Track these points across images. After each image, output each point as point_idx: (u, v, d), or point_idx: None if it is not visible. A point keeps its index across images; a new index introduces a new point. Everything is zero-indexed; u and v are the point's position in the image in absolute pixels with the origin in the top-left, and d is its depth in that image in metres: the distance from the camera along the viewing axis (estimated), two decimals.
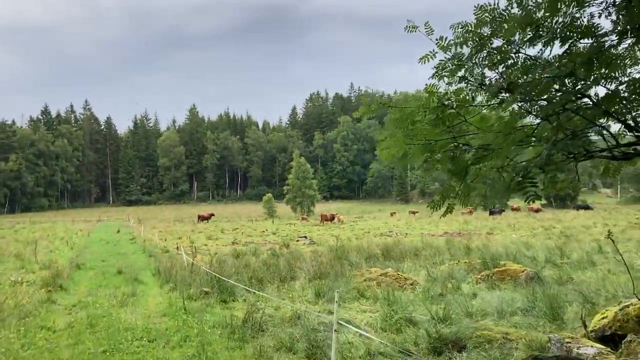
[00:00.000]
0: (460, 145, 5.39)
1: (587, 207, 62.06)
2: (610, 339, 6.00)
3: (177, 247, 25.12)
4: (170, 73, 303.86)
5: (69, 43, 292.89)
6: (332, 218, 55.20)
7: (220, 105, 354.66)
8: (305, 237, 33.76)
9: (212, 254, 23.80)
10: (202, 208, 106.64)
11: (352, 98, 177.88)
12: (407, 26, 5.10)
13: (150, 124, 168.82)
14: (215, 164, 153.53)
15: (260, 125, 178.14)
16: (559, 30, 4.67)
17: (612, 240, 6.68)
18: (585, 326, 5.96)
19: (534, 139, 5.00)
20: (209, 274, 13.06)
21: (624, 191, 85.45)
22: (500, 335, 6.24)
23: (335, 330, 5.95)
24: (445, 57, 5.17)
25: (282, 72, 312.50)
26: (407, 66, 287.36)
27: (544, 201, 79.76)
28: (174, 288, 12.44)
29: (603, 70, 4.55)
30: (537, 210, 61.26)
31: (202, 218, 62.74)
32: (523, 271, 11.20)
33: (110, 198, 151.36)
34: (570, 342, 5.66)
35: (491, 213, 58.49)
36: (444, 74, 5.24)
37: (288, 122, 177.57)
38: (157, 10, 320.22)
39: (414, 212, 66.54)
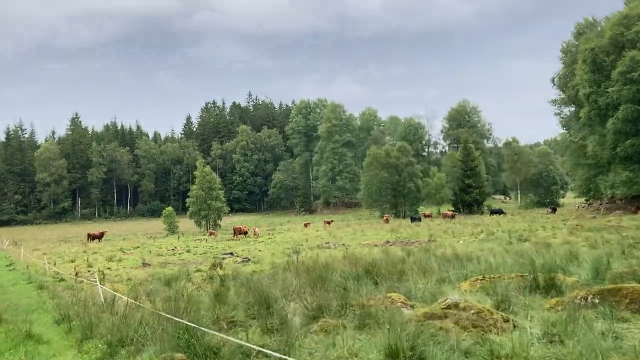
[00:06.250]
0: None
1: (500, 212, 62.55)
2: None
3: (76, 274, 19.18)
4: (47, 85, 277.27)
5: None
6: (246, 232, 50.46)
7: (106, 117, 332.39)
8: (232, 253, 28.78)
9: (125, 280, 18.34)
10: (88, 226, 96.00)
11: (251, 107, 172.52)
12: None
13: (26, 136, 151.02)
14: (102, 178, 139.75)
15: (151, 136, 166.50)
16: None
17: None
18: None
19: None
20: (157, 316, 8.13)
21: (523, 196, 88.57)
22: None
23: None
24: None
25: (167, 85, 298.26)
26: (287, 82, 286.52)
27: (451, 207, 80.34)
28: (108, 353, 6.96)
29: None
30: (452, 216, 60.66)
31: (92, 237, 55.48)
32: None
33: None
34: None
35: (412, 220, 56.71)
36: None
37: (182, 133, 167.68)
38: (25, 19, 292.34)
39: (328, 222, 63.27)
